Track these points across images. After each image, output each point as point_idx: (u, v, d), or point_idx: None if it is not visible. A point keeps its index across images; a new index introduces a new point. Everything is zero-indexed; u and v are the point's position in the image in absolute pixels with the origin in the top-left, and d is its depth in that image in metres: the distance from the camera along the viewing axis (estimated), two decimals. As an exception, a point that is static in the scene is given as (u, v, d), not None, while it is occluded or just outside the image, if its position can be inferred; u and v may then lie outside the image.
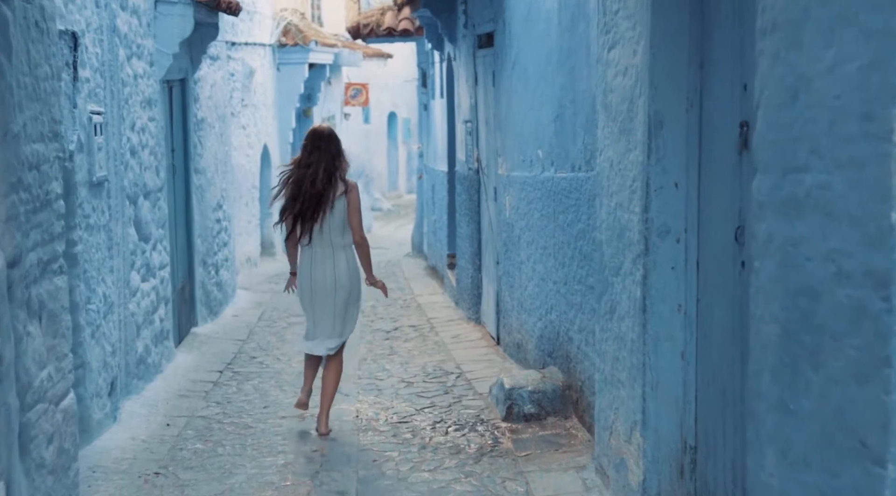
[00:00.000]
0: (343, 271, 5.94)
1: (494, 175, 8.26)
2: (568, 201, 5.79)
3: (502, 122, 7.80)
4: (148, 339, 7.23)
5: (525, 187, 6.94)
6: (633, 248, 4.15)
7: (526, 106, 6.88)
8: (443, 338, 9.05)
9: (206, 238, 9.93)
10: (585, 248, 5.46)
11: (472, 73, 9.24)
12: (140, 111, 7.17)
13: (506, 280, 7.83)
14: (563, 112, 5.88)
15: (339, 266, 5.94)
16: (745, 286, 3.37)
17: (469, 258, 9.69)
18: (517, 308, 7.40)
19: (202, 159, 9.82)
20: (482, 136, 8.93)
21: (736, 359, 3.52)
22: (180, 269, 8.98)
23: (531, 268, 6.86)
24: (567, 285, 5.87)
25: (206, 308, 9.82)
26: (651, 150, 3.96)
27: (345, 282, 5.95)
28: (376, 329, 9.73)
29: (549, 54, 6.18)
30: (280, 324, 10.19)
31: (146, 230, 7.28)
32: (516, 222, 7.29)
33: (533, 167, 6.71)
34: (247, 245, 15.17)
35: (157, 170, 7.71)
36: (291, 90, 17.43)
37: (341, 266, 5.94)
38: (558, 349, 6.16)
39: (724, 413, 3.66)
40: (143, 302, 7.15)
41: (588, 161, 5.36)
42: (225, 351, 8.68)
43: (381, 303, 11.40)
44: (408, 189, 29.94)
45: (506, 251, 7.79)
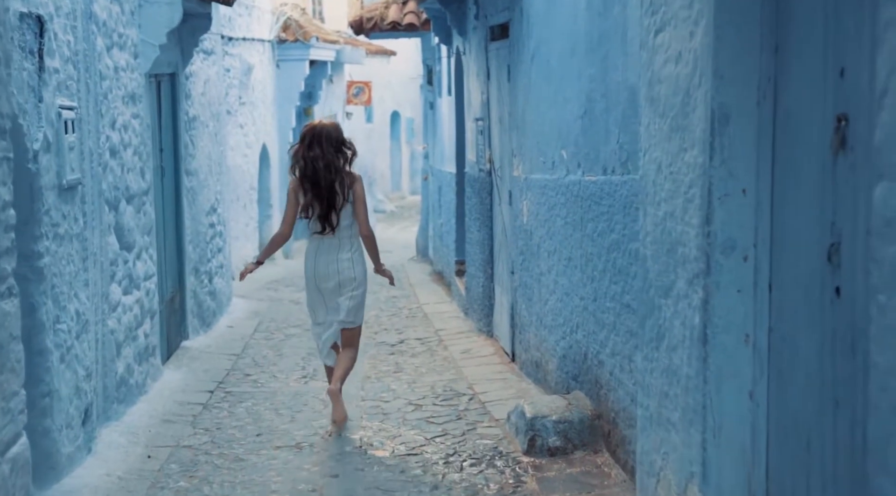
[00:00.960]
0: (346, 261, 6.00)
1: (509, 177, 7.61)
2: (599, 208, 5.13)
3: (519, 120, 7.15)
4: (130, 358, 6.58)
5: (546, 191, 6.29)
6: (688, 266, 3.49)
7: (547, 102, 6.22)
8: (452, 353, 8.40)
9: (198, 244, 9.28)
10: (620, 261, 4.80)
11: (483, 67, 8.58)
12: (122, 107, 6.52)
13: (522, 292, 7.18)
14: (592, 107, 5.22)
15: (343, 256, 6.01)
16: (840, 317, 2.72)
17: (480, 266, 9.04)
18: (536, 323, 6.75)
19: (194, 160, 9.17)
20: (495, 136, 8.28)
21: (827, 407, 2.86)
22: (169, 279, 8.33)
23: (553, 281, 6.20)
24: (597, 302, 5.22)
25: (198, 319, 9.17)
26: (714, 150, 3.30)
27: (350, 272, 6.01)
28: (381, 342, 9.08)
29: (576, 43, 5.52)
30: (277, 336, 9.54)
31: (129, 238, 6.64)
32: (535, 229, 6.64)
33: (555, 169, 6.05)
34: (244, 249, 14.51)
35: (142, 171, 7.07)
36: (291, 88, 16.76)
37: (345, 256, 6.01)
38: (585, 373, 5.51)
39: (809, 471, 3.00)
40: (125, 317, 6.50)
41: (624, 163, 4.71)
42: (217, 367, 8.03)
43: (385, 313, 10.75)
44: (411, 190, 29.29)
45: (522, 260, 7.13)
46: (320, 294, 6.10)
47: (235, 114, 14.23)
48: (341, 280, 6.04)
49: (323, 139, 5.92)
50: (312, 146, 5.93)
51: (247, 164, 14.75)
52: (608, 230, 4.99)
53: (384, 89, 25.96)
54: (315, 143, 5.92)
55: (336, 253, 6.01)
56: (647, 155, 3.94)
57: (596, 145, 5.18)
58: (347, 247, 6.03)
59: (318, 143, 5.91)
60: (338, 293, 6.05)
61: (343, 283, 6.05)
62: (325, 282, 6.05)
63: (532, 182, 6.72)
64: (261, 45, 15.60)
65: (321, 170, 5.88)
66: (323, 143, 5.91)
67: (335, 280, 6.04)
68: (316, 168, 5.88)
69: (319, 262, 6.05)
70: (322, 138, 5.93)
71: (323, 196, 5.91)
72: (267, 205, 16.19)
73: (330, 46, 17.60)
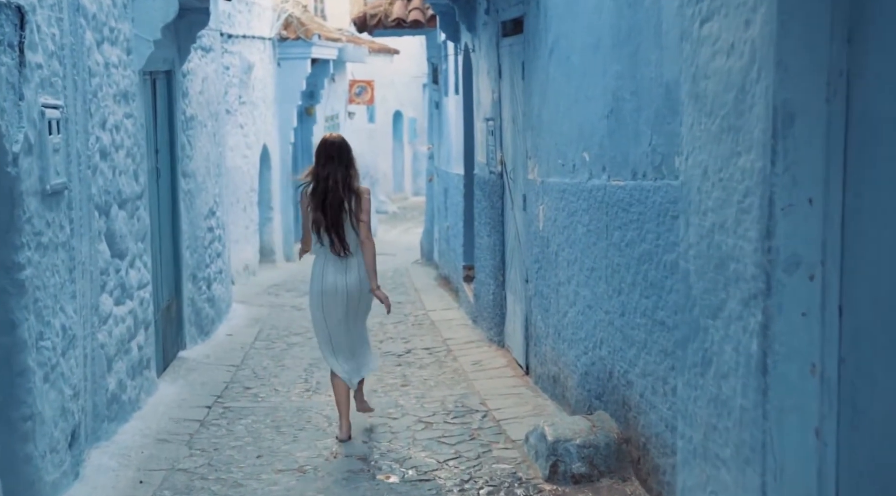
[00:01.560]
0: (355, 275, 6.03)
1: (523, 180, 7.21)
2: (627, 215, 4.74)
3: (534, 120, 6.75)
4: (122, 373, 6.18)
5: (565, 196, 5.89)
6: (743, 284, 3.10)
7: (567, 100, 5.83)
8: (462, 364, 8.00)
9: (196, 249, 8.88)
10: (653, 274, 4.40)
11: (494, 65, 8.18)
12: (113, 106, 6.13)
13: (538, 302, 6.78)
14: (619, 106, 4.83)
15: (350, 270, 6.03)
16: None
17: (490, 272, 8.65)
18: (553, 336, 6.35)
19: (192, 161, 8.78)
20: (507, 136, 7.88)
21: (917, 453, 2.47)
22: (165, 287, 7.93)
23: (573, 292, 5.81)
24: (625, 317, 4.82)
25: (196, 328, 8.78)
26: (776, 153, 2.90)
27: (355, 285, 6.04)
28: (386, 352, 8.68)
29: (601, 37, 5.13)
30: (279, 344, 9.15)
31: (121, 245, 6.24)
32: (553, 237, 6.24)
33: (576, 173, 5.66)
34: (244, 252, 14.14)
35: (136, 174, 6.67)
36: (293, 87, 16.37)
37: (352, 269, 6.03)
38: (611, 392, 5.11)
39: (893, 524, 2.61)
40: (117, 329, 6.11)
41: (657, 167, 4.31)
42: (215, 380, 7.63)
43: (390, 320, 10.35)
44: (414, 191, 28.91)
45: (538, 269, 6.73)
46: (329, 313, 6.09)
47: (235, 113, 13.85)
48: (351, 294, 6.05)
49: (335, 154, 6.01)
50: (326, 164, 6.00)
51: (247, 165, 14.36)
52: (638, 240, 4.59)
53: (387, 89, 25.57)
54: (329, 159, 6.00)
55: (345, 269, 6.03)
56: (690, 158, 3.54)
57: (624, 147, 4.78)
58: (355, 263, 6.05)
59: (331, 160, 6.00)
60: (348, 311, 6.08)
61: (350, 296, 6.05)
62: (335, 299, 6.05)
63: (549, 186, 6.32)
64: (261, 43, 15.22)
65: (331, 189, 5.95)
66: (335, 159, 5.99)
67: (345, 295, 6.04)
68: (327, 187, 5.96)
69: (327, 275, 6.05)
70: (335, 155, 6.01)
71: (332, 213, 5.96)
72: (268, 207, 15.80)
73: (332, 44, 17.21)
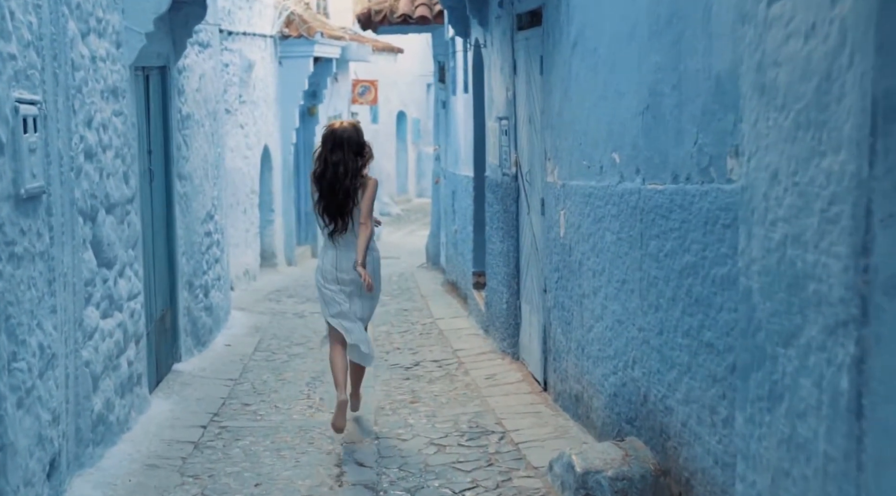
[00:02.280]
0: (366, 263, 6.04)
1: (541, 183, 6.74)
2: (667, 223, 4.26)
3: (554, 119, 6.27)
4: (110, 391, 5.71)
5: (591, 201, 5.42)
6: (828, 308, 2.62)
7: (594, 96, 5.35)
8: (475, 378, 7.52)
9: (192, 255, 8.41)
10: (699, 289, 3.92)
11: (509, 60, 7.71)
12: (101, 103, 5.66)
13: (558, 314, 6.30)
14: (658, 102, 4.35)
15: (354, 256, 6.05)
16: None
17: (503, 280, 8.17)
18: (576, 351, 5.88)
19: (188, 163, 8.31)
20: (523, 136, 7.41)
21: None
22: (159, 296, 7.46)
23: (599, 305, 5.33)
24: (664, 336, 4.34)
25: (192, 338, 8.30)
26: (875, 153, 2.42)
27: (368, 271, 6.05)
28: (394, 364, 8.20)
29: (635, 26, 4.65)
30: (280, 355, 8.67)
31: (109, 253, 5.77)
32: (576, 244, 5.76)
33: (604, 175, 5.18)
34: (245, 256, 13.66)
35: (126, 176, 6.20)
36: (295, 86, 15.89)
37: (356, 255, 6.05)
38: (645, 418, 4.63)
39: None
40: (104, 344, 5.63)
41: (705, 169, 3.83)
42: (212, 395, 7.16)
43: (396, 329, 9.89)
44: (418, 192, 28.44)
45: (559, 278, 6.26)
46: (338, 288, 6.14)
47: (235, 113, 13.38)
48: (353, 277, 6.09)
49: (344, 143, 6.03)
50: (335, 150, 6.03)
51: (247, 167, 13.88)
52: (680, 250, 4.11)
53: (390, 89, 25.10)
54: (337, 147, 6.02)
55: (351, 254, 6.08)
56: (753, 160, 3.07)
57: (663, 147, 4.31)
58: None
59: (339, 148, 6.02)
60: (356, 290, 6.13)
61: (354, 281, 6.09)
62: (342, 282, 6.11)
63: (572, 189, 5.85)
64: (262, 41, 14.74)
65: (340, 175, 5.98)
66: (344, 147, 6.02)
67: (351, 279, 6.09)
68: (336, 172, 5.99)
69: (333, 264, 6.12)
70: (343, 142, 6.03)
71: (339, 199, 6.00)
72: (269, 209, 15.32)
73: (335, 42, 16.74)
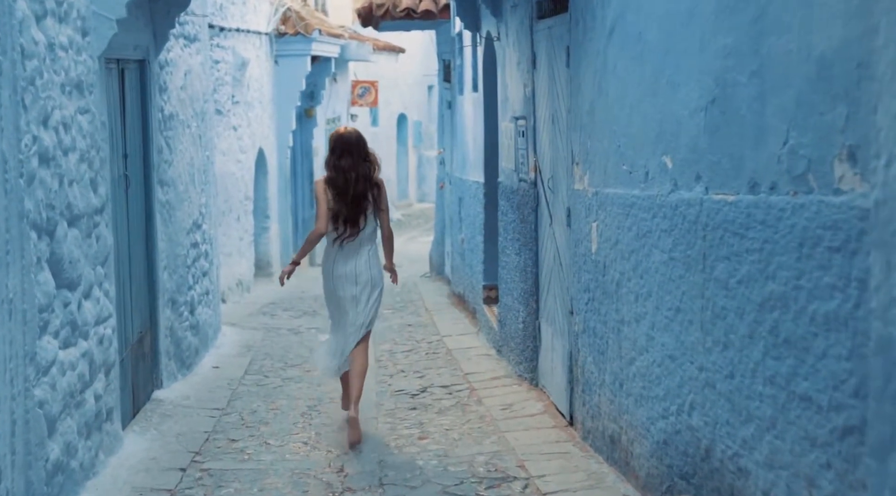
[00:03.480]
0: (364, 264, 6.20)
1: (567, 191, 5.95)
2: (741, 242, 3.46)
3: (584, 118, 5.49)
4: (72, 433, 4.91)
5: (633, 212, 4.62)
6: None
7: (637, 90, 4.56)
8: (489, 408, 6.72)
9: (176, 270, 7.61)
10: (790, 327, 3.13)
11: (527, 53, 6.93)
12: (61, 98, 4.87)
13: (589, 340, 5.51)
14: (729, 94, 3.55)
15: (361, 260, 6.20)
16: None
17: (520, 297, 7.38)
18: (611, 385, 5.08)
19: (171, 167, 7.51)
20: (543, 138, 6.62)
21: None
22: (136, 316, 6.66)
23: (644, 335, 4.53)
24: (736, 380, 3.54)
25: (175, 361, 7.51)
26: None
27: (368, 275, 6.21)
28: (398, 390, 7.40)
29: (696, 3, 3.86)
30: (273, 379, 7.87)
31: (72, 272, 4.98)
32: (613, 262, 4.97)
33: (650, 183, 4.39)
34: (238, 266, 12.87)
35: (94, 183, 5.41)
36: (291, 86, 15.12)
37: (363, 259, 6.20)
38: (708, 477, 3.83)
39: None
40: (64, 379, 4.84)
41: (800, 176, 3.04)
42: (194, 429, 6.36)
43: (400, 347, 9.09)
44: (419, 197, 27.64)
45: (589, 300, 5.46)
46: (340, 297, 6.25)
47: (228, 114, 12.60)
48: (361, 282, 6.19)
49: (353, 148, 6.10)
50: (343, 156, 6.09)
51: (241, 171, 13.09)
52: (761, 277, 3.32)
53: (391, 91, 24.30)
54: (346, 152, 6.09)
55: (356, 256, 6.18)
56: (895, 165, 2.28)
57: (735, 148, 3.51)
58: (366, 251, 6.22)
59: (348, 153, 6.09)
60: (358, 295, 6.21)
61: (364, 285, 6.19)
62: (346, 284, 6.20)
63: (607, 198, 5.05)
64: (257, 38, 13.97)
65: (352, 180, 6.04)
66: (353, 152, 6.09)
67: (356, 282, 6.19)
68: (347, 178, 6.05)
69: (338, 265, 6.20)
70: (352, 147, 6.10)
71: (350, 204, 6.07)
72: (264, 216, 14.53)
73: (334, 41, 15.96)
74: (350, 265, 6.14)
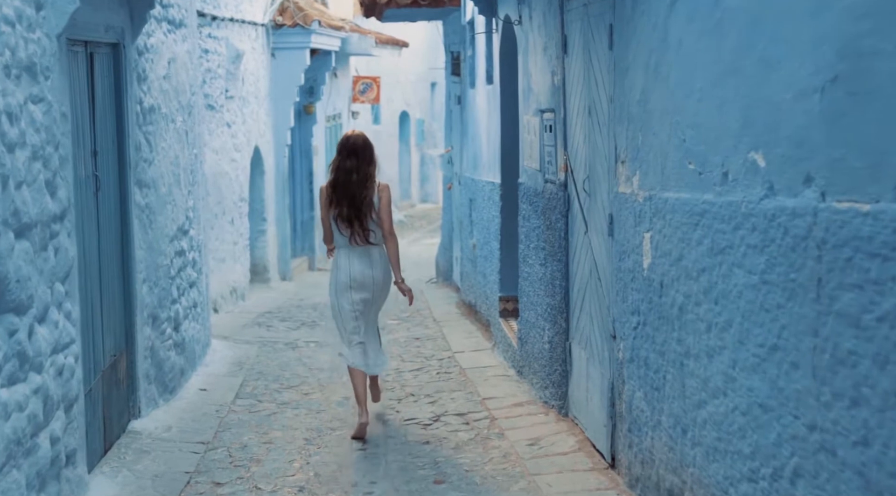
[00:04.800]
0: (378, 268, 6.22)
1: (609, 194, 5.09)
2: (880, 267, 2.59)
3: (633, 108, 4.62)
4: (18, 488, 4.04)
5: (704, 222, 3.75)
6: None
7: (713, 70, 3.69)
8: (514, 443, 5.85)
9: (157, 282, 6.74)
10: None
11: (556, 36, 6.06)
12: (5, 83, 4.00)
13: (639, 371, 4.64)
14: (862, 68, 2.68)
15: (373, 262, 6.21)
16: None
17: (545, 314, 6.52)
18: (671, 429, 4.21)
19: (151, 167, 6.65)
20: (576, 133, 5.75)
21: None
22: (109, 337, 5.80)
23: (721, 374, 3.67)
24: (876, 451, 2.67)
25: (156, 385, 6.64)
26: None
27: (379, 278, 6.24)
28: (408, 419, 6.53)
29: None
30: (266, 404, 7.01)
31: (20, 292, 4.11)
32: (674, 282, 4.10)
33: (732, 185, 3.52)
34: (232, 273, 12.01)
35: (52, 186, 4.55)
36: (289, 81, 14.24)
37: (375, 261, 6.22)
38: (820, 565, 2.96)
39: None
40: (7, 425, 3.97)
41: None
42: (174, 469, 5.49)
43: (408, 364, 8.22)
44: (421, 197, 26.78)
45: (639, 324, 4.60)
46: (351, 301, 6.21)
47: (221, 110, 11.73)
48: (375, 286, 6.22)
49: (359, 151, 6.13)
50: (349, 157, 6.14)
51: (235, 171, 12.23)
52: (915, 314, 2.45)
53: (393, 88, 23.42)
54: (352, 154, 6.14)
55: (368, 260, 6.21)
56: None
57: (872, 141, 2.64)
58: (378, 254, 6.24)
59: (354, 155, 6.13)
60: (370, 301, 6.24)
61: (376, 289, 6.24)
62: (359, 290, 6.21)
63: (666, 204, 4.18)
64: (252, 29, 13.10)
65: (354, 181, 6.06)
66: (359, 154, 6.12)
67: (370, 287, 6.21)
68: (349, 179, 6.08)
69: (354, 271, 6.20)
70: (358, 150, 6.14)
71: (356, 207, 6.09)
72: (260, 219, 13.66)
73: (334, 33, 15.08)
74: (362, 268, 6.20)
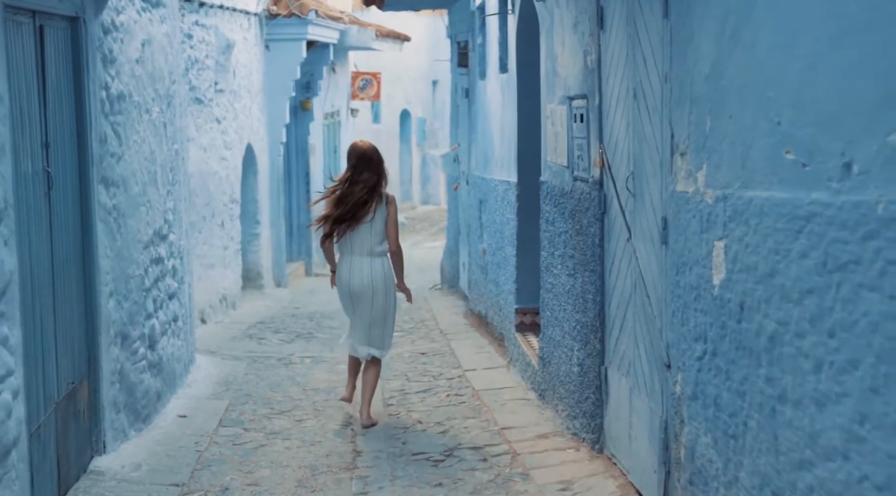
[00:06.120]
0: (379, 277, 6.28)
1: (661, 193, 4.21)
2: None
3: (698, 85, 3.74)
4: (-73, 569, 3.17)
5: (811, 227, 2.87)
6: None
7: (830, 28, 2.79)
8: (542, 487, 4.97)
9: (127, 295, 5.86)
10: None
11: (589, 10, 5.20)
12: None
13: (705, 412, 3.76)
14: None
15: (375, 272, 6.27)
16: None
17: (574, 332, 5.65)
18: (755, 489, 3.33)
19: (120, 163, 5.77)
20: (616, 121, 4.88)
21: None
22: (65, 363, 4.91)
23: (840, 430, 2.78)
24: None
25: (126, 414, 5.76)
26: None
27: (381, 287, 6.29)
28: (417, 453, 5.65)
29: None
30: (254, 434, 6.13)
31: (-68, 318, 3.23)
32: (761, 304, 3.22)
33: (858, 180, 2.63)
34: (222, 279, 11.14)
35: (-20, 183, 3.67)
36: (284, 74, 13.37)
37: (377, 272, 6.28)
38: None
39: None
40: (-89, 488, 3.10)
41: None
42: (140, 522, 4.62)
43: (414, 384, 7.36)
44: (423, 199, 25.90)
45: (706, 354, 3.72)
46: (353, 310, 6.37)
47: (209, 104, 10.86)
48: (375, 295, 6.26)
49: (368, 163, 6.25)
50: (360, 169, 6.23)
51: (226, 170, 11.35)
52: None
53: (393, 86, 22.54)
54: (364, 166, 6.24)
55: (369, 270, 6.25)
56: None
57: None
58: (379, 264, 6.28)
59: (366, 167, 6.24)
60: (368, 311, 6.30)
61: (377, 297, 6.27)
62: (359, 299, 6.29)
63: (749, 205, 3.30)
64: (244, 18, 12.22)
65: (363, 193, 6.18)
66: (368, 166, 6.24)
67: (369, 296, 6.27)
68: (355, 191, 6.18)
69: (354, 279, 6.27)
70: (368, 162, 6.25)
71: (358, 215, 6.20)
72: (254, 221, 12.78)
73: (333, 25, 14.23)
74: (364, 277, 6.25)
